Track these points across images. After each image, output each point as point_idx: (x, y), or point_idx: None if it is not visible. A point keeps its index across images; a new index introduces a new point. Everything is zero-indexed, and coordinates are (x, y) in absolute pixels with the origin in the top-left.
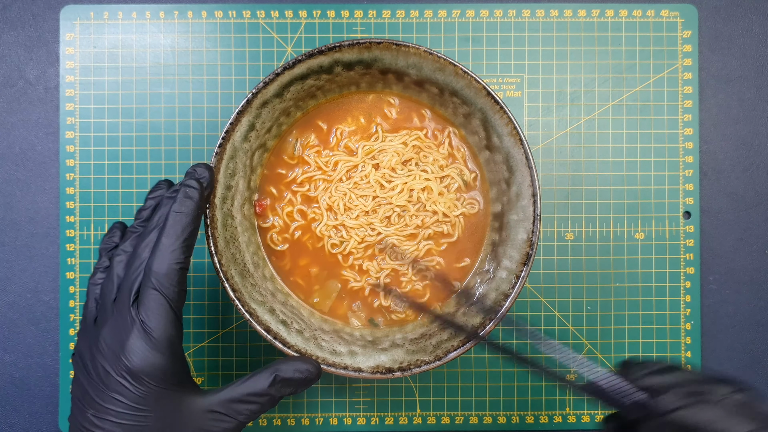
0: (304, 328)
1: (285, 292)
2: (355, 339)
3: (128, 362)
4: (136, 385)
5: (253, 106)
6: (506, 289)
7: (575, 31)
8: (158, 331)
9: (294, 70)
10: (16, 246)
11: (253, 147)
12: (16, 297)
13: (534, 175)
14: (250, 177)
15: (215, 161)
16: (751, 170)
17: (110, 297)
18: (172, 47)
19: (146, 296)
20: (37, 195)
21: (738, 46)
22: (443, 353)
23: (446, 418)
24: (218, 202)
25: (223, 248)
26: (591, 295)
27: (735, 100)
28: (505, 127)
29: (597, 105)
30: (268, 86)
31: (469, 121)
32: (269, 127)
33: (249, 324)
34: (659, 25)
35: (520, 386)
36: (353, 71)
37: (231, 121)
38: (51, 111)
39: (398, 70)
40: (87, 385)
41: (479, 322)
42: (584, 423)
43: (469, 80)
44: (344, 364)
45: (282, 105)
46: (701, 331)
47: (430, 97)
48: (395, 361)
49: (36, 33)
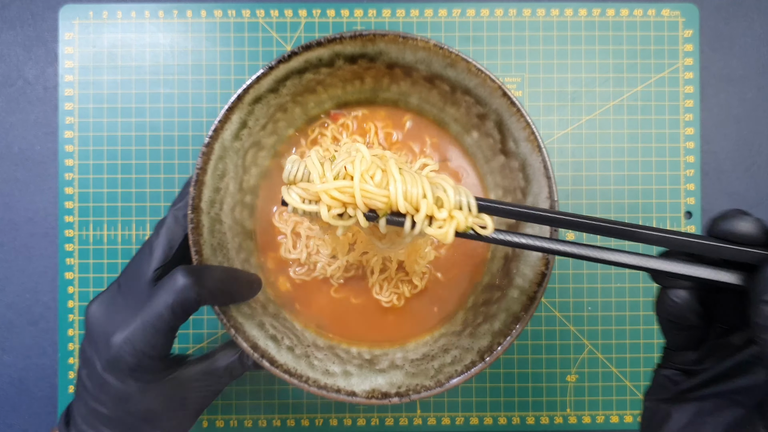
0: (296, 344)
1: (278, 304)
2: (351, 357)
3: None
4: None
5: (245, 102)
6: (517, 310)
7: (576, 30)
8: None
9: (290, 63)
10: (15, 246)
11: (245, 146)
12: (14, 297)
13: (553, 186)
14: (243, 178)
15: (201, 162)
16: (752, 170)
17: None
18: (172, 47)
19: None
20: (35, 195)
21: (739, 46)
22: (445, 379)
23: (446, 419)
24: (205, 207)
25: (209, 256)
26: (592, 295)
27: (736, 100)
28: (522, 131)
29: (598, 104)
30: (261, 80)
31: (484, 122)
32: (264, 124)
33: (234, 340)
34: (660, 25)
35: (521, 387)
36: (356, 65)
37: (219, 119)
38: (50, 111)
39: (406, 64)
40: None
41: (487, 345)
42: (585, 424)
43: (483, 78)
44: (337, 386)
45: (277, 100)
46: None
47: (441, 95)
48: (393, 385)
49: (35, 32)
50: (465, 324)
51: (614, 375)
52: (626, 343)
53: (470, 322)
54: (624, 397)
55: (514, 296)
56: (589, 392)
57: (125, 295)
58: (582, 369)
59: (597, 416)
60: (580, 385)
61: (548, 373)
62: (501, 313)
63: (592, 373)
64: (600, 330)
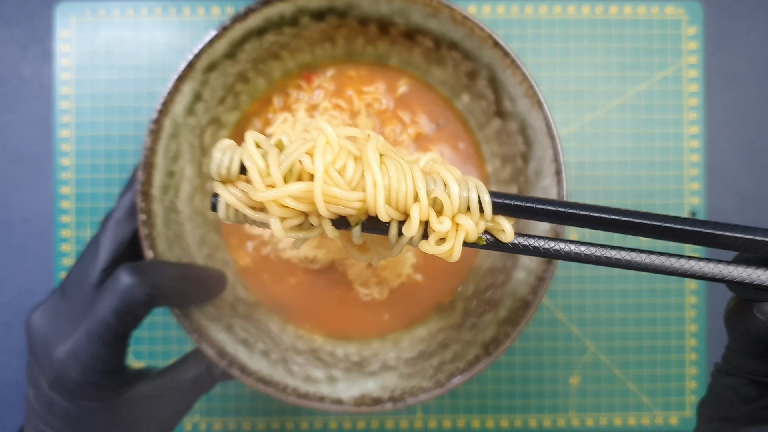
0: (272, 348)
1: (249, 303)
2: (336, 360)
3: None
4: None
5: (197, 70)
6: (525, 294)
7: (578, 28)
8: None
9: (247, 22)
10: (11, 247)
11: (202, 123)
12: (10, 298)
13: (557, 146)
14: (202, 161)
15: (149, 141)
16: (757, 169)
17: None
18: (169, 45)
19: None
20: (31, 195)
21: (744, 44)
22: (445, 378)
23: (447, 421)
24: (157, 193)
25: (165, 251)
26: (594, 297)
27: (741, 98)
28: (518, 86)
29: (601, 103)
30: (214, 43)
31: (474, 81)
32: (222, 97)
33: (197, 345)
34: (664, 23)
35: (523, 389)
36: (324, 22)
37: (169, 90)
38: (46, 109)
39: (381, 18)
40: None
41: (491, 336)
42: (588, 426)
43: (470, 28)
44: (320, 394)
45: (236, 68)
46: (707, 333)
47: (425, 53)
48: (385, 389)
49: (31, 30)
50: (465, 314)
51: (617, 377)
52: (629, 346)
53: (472, 312)
54: (627, 400)
55: (520, 278)
56: (592, 394)
57: (69, 301)
58: (584, 371)
59: (600, 418)
60: (582, 388)
61: (550, 375)
62: (506, 299)
63: (595, 375)
64: (602, 331)
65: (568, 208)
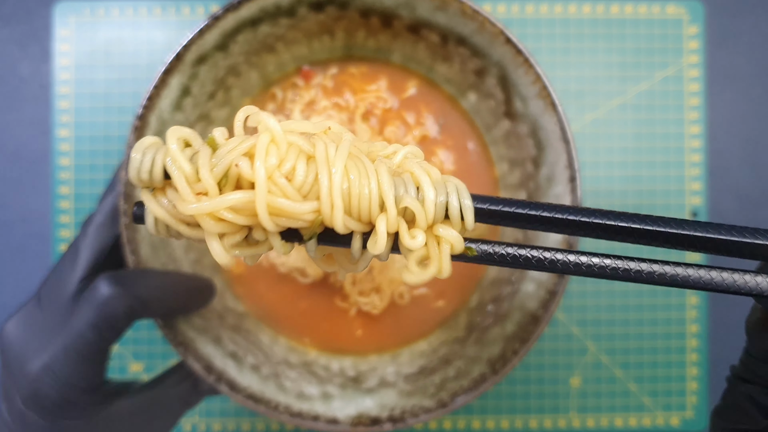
0: (263, 361)
1: (238, 312)
2: (331, 375)
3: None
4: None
5: (186, 62)
6: (535, 308)
7: (580, 28)
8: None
9: (241, 12)
10: (9, 247)
11: (190, 119)
12: (8, 298)
13: (572, 152)
14: None
15: (133, 139)
16: (759, 169)
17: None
18: (169, 44)
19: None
20: (30, 195)
21: (745, 43)
22: (449, 397)
23: (448, 422)
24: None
25: (149, 256)
26: (595, 297)
27: (742, 98)
28: (531, 86)
29: (602, 103)
30: (205, 34)
31: (483, 80)
32: (212, 91)
33: (183, 358)
34: (665, 22)
35: (523, 390)
36: (323, 13)
37: (155, 84)
38: (45, 109)
39: (385, 10)
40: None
41: (498, 352)
42: (589, 428)
43: (481, 22)
44: (315, 413)
45: (228, 61)
46: (708, 334)
47: (430, 48)
48: (384, 407)
49: (30, 29)
50: (470, 328)
51: (618, 378)
52: (629, 346)
53: (476, 326)
54: (628, 401)
55: (529, 291)
56: (593, 395)
57: (45, 311)
58: (585, 372)
59: (601, 419)
60: (583, 388)
61: (551, 375)
62: (514, 312)
63: (596, 376)
64: (603, 332)
65: (566, 213)
